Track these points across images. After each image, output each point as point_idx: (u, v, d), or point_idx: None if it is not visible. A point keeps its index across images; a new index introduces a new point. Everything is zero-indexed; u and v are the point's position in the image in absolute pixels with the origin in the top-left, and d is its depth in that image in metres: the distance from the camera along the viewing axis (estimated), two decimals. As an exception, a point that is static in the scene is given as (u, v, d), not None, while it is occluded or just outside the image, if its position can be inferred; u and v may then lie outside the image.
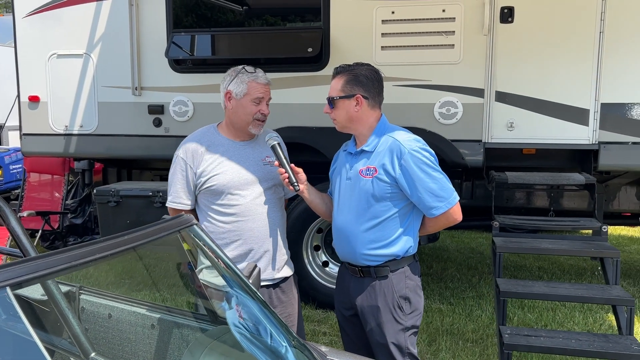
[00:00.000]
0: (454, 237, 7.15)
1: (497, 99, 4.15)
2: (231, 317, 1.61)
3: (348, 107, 2.33)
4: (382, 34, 4.24)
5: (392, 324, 2.33)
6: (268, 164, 2.53)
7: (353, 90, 2.33)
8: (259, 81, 2.47)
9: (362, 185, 2.32)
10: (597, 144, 4.04)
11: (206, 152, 2.48)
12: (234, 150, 2.51)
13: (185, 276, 1.84)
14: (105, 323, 2.04)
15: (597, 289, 3.40)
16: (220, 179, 2.44)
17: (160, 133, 4.69)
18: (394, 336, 2.33)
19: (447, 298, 4.90)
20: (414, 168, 2.24)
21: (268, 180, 2.51)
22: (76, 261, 1.44)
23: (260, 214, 2.47)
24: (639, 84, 3.95)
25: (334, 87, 2.37)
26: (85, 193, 6.04)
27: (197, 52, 4.64)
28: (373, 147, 2.34)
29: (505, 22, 4.07)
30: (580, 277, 5.54)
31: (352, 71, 2.35)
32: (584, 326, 4.28)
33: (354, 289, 2.40)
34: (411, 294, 2.36)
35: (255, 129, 2.50)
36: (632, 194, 4.80)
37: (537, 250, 3.66)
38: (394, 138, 2.32)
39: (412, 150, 2.26)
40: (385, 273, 2.33)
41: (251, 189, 2.47)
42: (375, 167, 2.29)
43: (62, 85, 4.80)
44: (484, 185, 4.73)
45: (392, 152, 2.28)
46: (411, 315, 2.36)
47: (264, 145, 2.56)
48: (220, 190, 2.44)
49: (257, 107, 2.47)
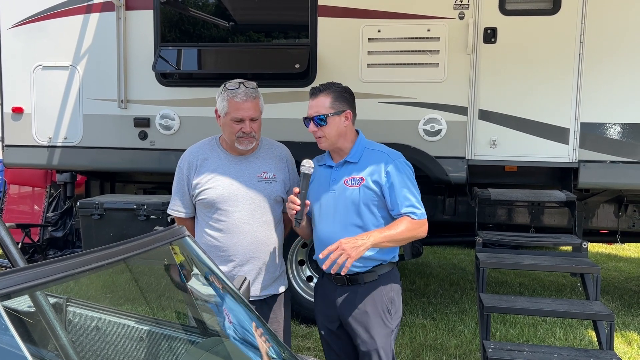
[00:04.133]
0: (436, 253, 7.21)
1: (480, 117, 4.24)
2: (222, 329, 1.61)
3: (338, 123, 2.39)
4: (369, 51, 4.31)
5: (381, 329, 2.38)
6: (263, 180, 2.48)
7: (342, 106, 2.40)
8: (237, 99, 2.39)
9: (347, 194, 2.38)
10: (577, 162, 4.13)
11: (202, 164, 2.48)
12: (229, 165, 2.48)
13: (175, 288, 1.84)
14: (92, 335, 2.02)
15: (578, 305, 3.46)
16: (211, 193, 2.42)
17: (146, 146, 4.67)
18: (383, 340, 2.39)
19: (430, 313, 4.93)
20: (397, 175, 2.36)
21: (260, 197, 2.45)
22: (66, 272, 1.44)
23: (247, 232, 2.42)
24: (617, 104, 4.07)
25: (321, 105, 2.38)
26: (67, 206, 5.96)
27: (184, 66, 4.66)
28: (357, 158, 2.43)
29: (488, 42, 4.18)
30: (560, 293, 5.62)
31: (335, 89, 2.42)
32: (564, 342, 4.34)
33: (341, 300, 2.41)
34: (396, 296, 2.46)
35: (242, 146, 2.45)
36: (610, 211, 4.90)
37: (519, 266, 3.72)
38: (379, 150, 2.46)
39: (398, 161, 2.40)
40: (373, 278, 2.40)
41: (241, 205, 2.42)
42: (362, 177, 2.38)
43: (47, 97, 4.77)
44: (467, 201, 4.80)
45: (379, 161, 2.39)
46: (396, 317, 2.46)
47: (264, 159, 2.53)
48: (210, 204, 2.43)
49: (238, 126, 2.41)
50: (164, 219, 4.32)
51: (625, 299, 5.45)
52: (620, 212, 4.84)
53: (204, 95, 4.52)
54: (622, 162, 4.08)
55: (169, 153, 4.63)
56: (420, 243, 5.08)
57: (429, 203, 4.90)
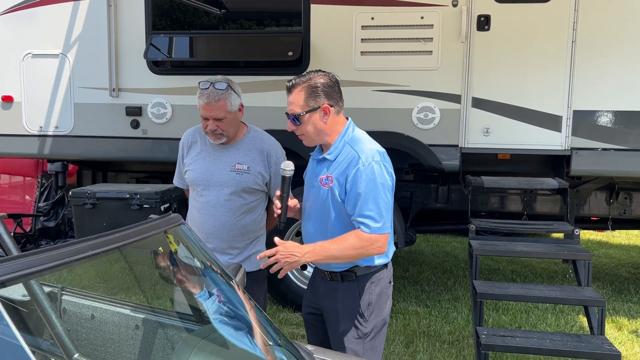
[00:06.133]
0: (428, 241, 7.24)
1: (474, 105, 4.24)
2: (218, 316, 1.61)
3: (315, 120, 2.20)
4: (362, 39, 4.29)
5: (351, 332, 2.27)
6: (235, 171, 2.64)
7: (317, 102, 2.18)
8: (201, 101, 2.55)
9: (321, 194, 2.26)
10: (569, 150, 4.16)
11: (191, 147, 2.73)
12: (210, 151, 2.69)
13: (170, 275, 1.84)
14: (88, 324, 2.01)
15: (570, 291, 3.50)
16: (190, 175, 2.70)
17: (138, 135, 4.64)
18: (352, 343, 2.27)
19: (424, 301, 4.96)
20: (363, 179, 2.13)
21: (229, 186, 2.63)
22: (61, 260, 1.42)
23: (212, 215, 2.63)
24: (609, 92, 4.08)
25: (294, 102, 2.20)
26: (59, 196, 5.93)
27: (176, 54, 4.62)
28: (334, 155, 2.24)
29: (481, 30, 4.17)
30: (552, 279, 5.67)
31: (308, 81, 2.19)
32: (556, 327, 4.39)
33: (323, 292, 2.35)
34: (376, 300, 2.29)
35: (213, 140, 2.64)
36: (601, 199, 4.94)
37: (512, 252, 3.75)
38: (353, 149, 2.21)
39: (368, 164, 2.15)
40: (350, 278, 2.27)
41: (210, 189, 2.64)
42: (332, 178, 2.21)
43: (37, 86, 4.72)
44: (459, 189, 4.82)
45: (348, 164, 2.18)
46: (373, 321, 2.29)
47: (243, 151, 2.67)
48: (191, 183, 2.72)
49: (205, 123, 2.58)
50: (157, 208, 4.30)
51: (615, 285, 5.51)
52: (612, 199, 4.88)
53: (196, 84, 4.44)
54: (614, 149, 4.10)
55: (162, 142, 4.60)
56: (413, 231, 5.11)
57: (422, 191, 4.93)
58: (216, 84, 2.54)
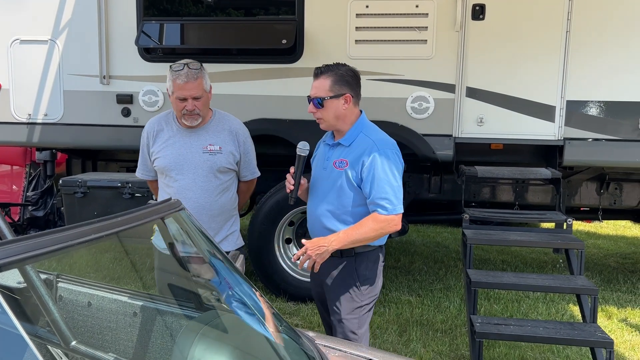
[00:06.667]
0: (419, 232, 7.26)
1: (468, 94, 4.24)
2: (222, 302, 1.59)
3: (336, 106, 2.42)
4: (356, 27, 4.26)
5: (347, 302, 2.49)
6: (208, 152, 2.71)
7: (342, 89, 2.42)
8: (179, 81, 2.59)
9: (334, 176, 2.46)
10: (562, 140, 4.17)
11: (158, 135, 2.76)
12: (179, 137, 2.73)
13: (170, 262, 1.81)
14: (84, 312, 1.99)
15: (562, 279, 3.52)
16: (161, 162, 2.72)
17: (129, 123, 4.58)
18: (347, 313, 2.49)
19: (416, 290, 4.98)
20: (379, 164, 2.36)
21: (204, 167, 2.69)
22: (59, 245, 1.39)
23: (190, 198, 2.65)
24: (602, 83, 4.10)
25: (320, 87, 2.43)
26: (47, 185, 5.85)
27: (168, 41, 4.56)
28: (349, 141, 2.46)
29: (476, 19, 4.16)
30: (542, 269, 5.72)
31: (336, 71, 2.43)
32: (547, 316, 4.43)
33: (324, 268, 2.51)
34: (370, 275, 2.51)
35: (188, 122, 2.68)
36: (592, 189, 4.97)
37: (506, 242, 3.77)
38: (370, 138, 2.45)
39: (383, 151, 2.39)
40: (350, 254, 2.48)
41: (185, 174, 2.69)
42: (347, 161, 2.42)
43: (25, 72, 4.63)
44: (452, 179, 4.82)
45: (364, 149, 2.40)
46: (367, 294, 2.51)
47: (213, 133, 2.74)
48: (161, 170, 2.74)
49: (182, 104, 2.62)
50: (149, 197, 4.26)
51: (604, 275, 5.57)
52: (602, 189, 4.92)
53: (188, 71, 4.42)
54: (606, 139, 4.13)
55: (153, 130, 4.54)
56: (405, 221, 5.10)
57: (415, 181, 4.93)
58: (190, 64, 2.62)
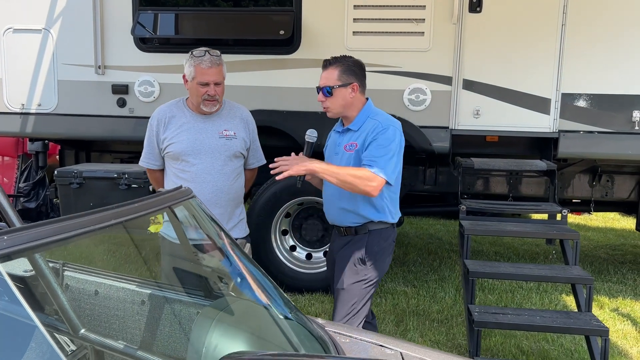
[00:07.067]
0: (412, 224, 7.31)
1: (465, 86, 4.26)
2: (235, 289, 1.59)
3: (344, 95, 2.58)
4: (354, 19, 4.26)
5: (351, 273, 2.62)
6: (224, 137, 2.78)
7: (349, 79, 2.58)
8: (203, 65, 2.66)
9: (345, 158, 2.62)
10: (557, 132, 4.22)
11: (170, 122, 2.78)
12: (194, 123, 2.78)
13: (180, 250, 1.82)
14: (91, 300, 1.98)
15: (558, 269, 3.57)
16: (177, 147, 2.74)
17: (125, 114, 4.55)
18: (349, 283, 2.61)
19: (411, 281, 5.02)
20: (379, 137, 2.51)
21: (221, 151, 2.76)
22: (68, 233, 1.37)
23: (208, 181, 2.73)
24: (597, 76, 4.14)
25: (329, 77, 2.58)
26: (39, 176, 5.80)
27: (164, 31, 4.53)
28: (358, 126, 2.63)
29: (473, 11, 4.18)
30: (535, 260, 5.79)
31: (344, 62, 2.59)
32: (540, 306, 4.48)
33: (336, 246, 2.72)
34: (379, 251, 2.64)
35: (207, 108, 2.75)
36: (584, 181, 5.03)
37: (503, 232, 3.81)
38: (376, 119, 2.61)
39: (386, 128, 2.55)
40: (364, 231, 2.63)
41: (203, 158, 2.74)
42: (357, 143, 2.59)
43: (19, 62, 4.58)
44: (447, 172, 4.85)
45: (371, 128, 2.57)
46: (371, 270, 2.62)
47: (226, 119, 2.82)
48: (176, 156, 2.75)
49: (204, 89, 2.68)
50: (145, 188, 4.25)
51: (595, 266, 5.65)
52: (594, 181, 4.98)
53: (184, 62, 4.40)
54: (601, 132, 4.18)
55: (149, 121, 4.51)
56: (400, 213, 5.13)
57: (410, 173, 4.95)
58: (210, 51, 2.71)
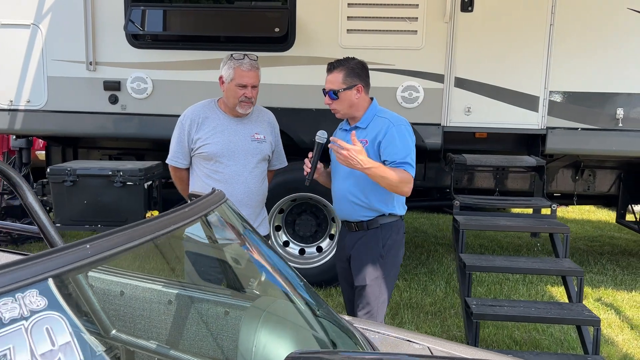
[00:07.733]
0: (397, 218, 7.41)
1: (456, 84, 4.36)
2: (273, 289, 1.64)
3: (350, 97, 2.65)
4: (348, 17, 4.31)
5: (372, 269, 2.67)
6: (256, 140, 2.84)
7: (353, 81, 2.65)
8: (243, 68, 2.72)
9: None
10: (545, 129, 4.35)
11: (204, 122, 2.80)
12: (227, 124, 2.82)
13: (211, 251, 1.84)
14: (117, 301, 1.99)
15: (550, 262, 3.71)
16: (211, 148, 2.77)
17: (117, 110, 4.52)
18: (372, 280, 2.67)
19: (402, 274, 5.12)
20: (397, 134, 2.59)
21: (254, 154, 2.82)
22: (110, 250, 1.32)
23: (241, 182, 2.79)
24: (583, 74, 4.29)
25: (334, 80, 2.65)
26: (24, 173, 5.69)
27: (158, 27, 4.49)
28: (366, 124, 2.70)
29: (465, 10, 4.27)
30: (518, 252, 5.97)
31: (347, 65, 2.65)
32: (527, 297, 4.64)
33: (349, 242, 2.75)
34: (394, 245, 2.71)
35: (242, 109, 2.79)
36: (567, 176, 5.21)
37: (496, 227, 3.93)
38: (385, 117, 2.68)
39: (399, 125, 2.63)
40: (376, 225, 2.68)
41: (236, 159, 2.78)
42: (367, 140, 2.64)
43: (7, 57, 4.49)
44: (435, 167, 4.96)
45: (381, 127, 2.63)
46: (390, 264, 2.71)
47: (255, 122, 2.88)
48: (210, 157, 2.78)
49: (242, 91, 2.73)
50: (141, 186, 4.23)
51: (575, 258, 5.84)
52: (577, 176, 5.16)
53: (179, 58, 4.40)
54: (586, 129, 4.33)
55: (142, 118, 4.50)
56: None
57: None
58: (249, 55, 2.77)
